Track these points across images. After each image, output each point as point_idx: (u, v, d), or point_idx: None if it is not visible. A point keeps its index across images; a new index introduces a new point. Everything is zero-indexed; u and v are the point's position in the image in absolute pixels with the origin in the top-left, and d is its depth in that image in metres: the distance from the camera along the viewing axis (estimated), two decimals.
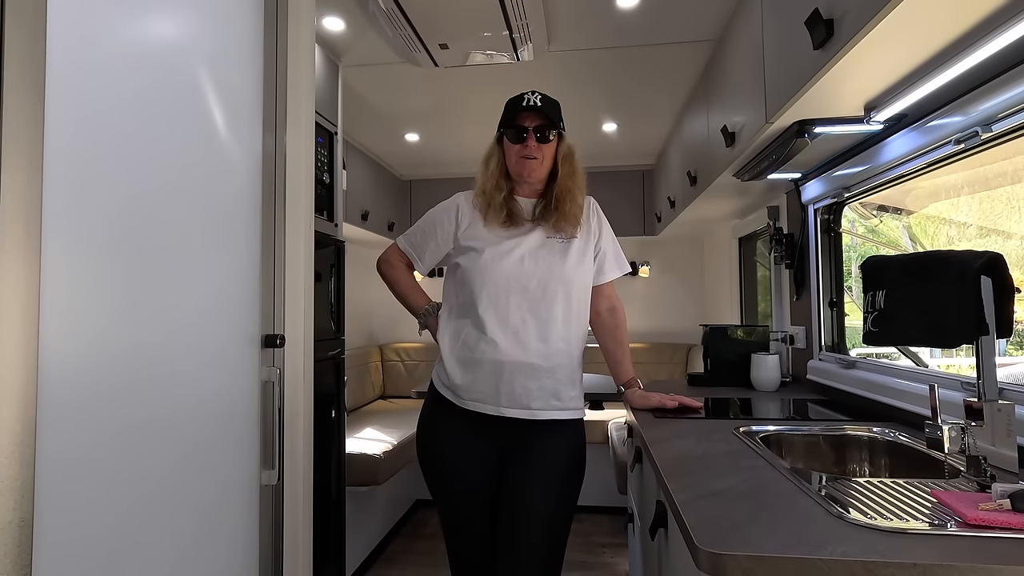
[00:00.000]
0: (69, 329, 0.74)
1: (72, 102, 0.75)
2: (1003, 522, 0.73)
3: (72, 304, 0.75)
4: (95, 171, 0.79)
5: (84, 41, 0.77)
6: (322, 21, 1.94)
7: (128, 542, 0.83)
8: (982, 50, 0.97)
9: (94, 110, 0.79)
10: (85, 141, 0.77)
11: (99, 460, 0.78)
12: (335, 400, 2.05)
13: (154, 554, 0.87)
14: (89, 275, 0.78)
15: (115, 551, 0.81)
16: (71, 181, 0.75)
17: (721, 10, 1.86)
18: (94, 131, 0.79)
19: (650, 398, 1.54)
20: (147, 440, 0.86)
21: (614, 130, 3.08)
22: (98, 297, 0.79)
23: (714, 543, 0.70)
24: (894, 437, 1.28)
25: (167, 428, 0.90)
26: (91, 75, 0.78)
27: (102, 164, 0.80)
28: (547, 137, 1.34)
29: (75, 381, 0.75)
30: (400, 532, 2.97)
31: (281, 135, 1.25)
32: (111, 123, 0.82)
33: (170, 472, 0.91)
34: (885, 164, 1.48)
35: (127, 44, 0.85)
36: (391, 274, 1.50)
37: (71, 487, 0.74)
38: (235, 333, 1.08)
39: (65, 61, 0.74)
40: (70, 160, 0.75)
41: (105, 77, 0.81)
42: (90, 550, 0.77)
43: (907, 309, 1.07)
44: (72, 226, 0.75)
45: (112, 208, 0.82)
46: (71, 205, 0.75)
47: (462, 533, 1.37)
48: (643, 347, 3.87)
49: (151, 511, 0.87)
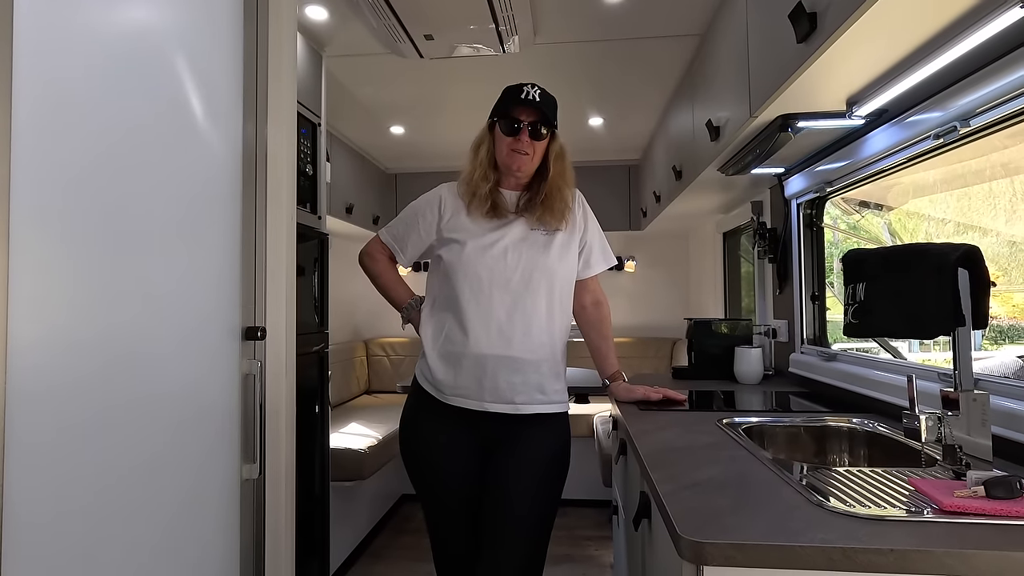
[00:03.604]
0: (38, 318, 0.72)
1: (40, 85, 0.73)
2: (977, 508, 0.75)
3: (41, 293, 0.73)
4: (65, 158, 0.77)
5: (53, 25, 0.75)
6: (304, 9, 1.91)
7: (101, 535, 0.81)
8: (960, 45, 0.98)
9: (63, 94, 0.77)
10: (54, 126, 0.75)
11: (70, 451, 0.76)
12: (319, 394, 2.03)
13: (129, 547, 0.86)
14: (59, 263, 0.76)
15: (87, 544, 0.79)
16: (40, 167, 0.73)
17: (706, 4, 1.86)
18: (64, 117, 0.77)
19: (634, 391, 1.55)
20: (120, 432, 0.84)
21: (600, 124, 3.08)
22: (69, 286, 0.77)
23: (696, 532, 0.71)
24: (873, 428, 1.30)
25: (140, 420, 0.88)
26: (60, 58, 0.76)
27: (72, 151, 0.78)
28: (540, 134, 1.33)
29: (45, 371, 0.73)
30: (386, 526, 2.96)
31: (262, 125, 1.23)
32: (81, 108, 0.79)
33: (144, 465, 0.89)
34: (866, 159, 1.50)
35: (99, 27, 0.83)
36: (373, 268, 1.48)
37: (40, 478, 0.72)
38: (213, 325, 1.06)
39: (33, 44, 0.71)
40: (39, 145, 0.73)
41: (75, 59, 0.79)
42: (61, 542, 0.75)
43: (887, 301, 1.08)
44: (41, 213, 0.73)
45: (83, 196, 0.79)
46: (40, 191, 0.73)
47: (445, 528, 1.37)
48: (628, 341, 3.89)
49: (124, 504, 0.85)
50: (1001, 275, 1.73)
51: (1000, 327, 1.85)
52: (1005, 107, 1.04)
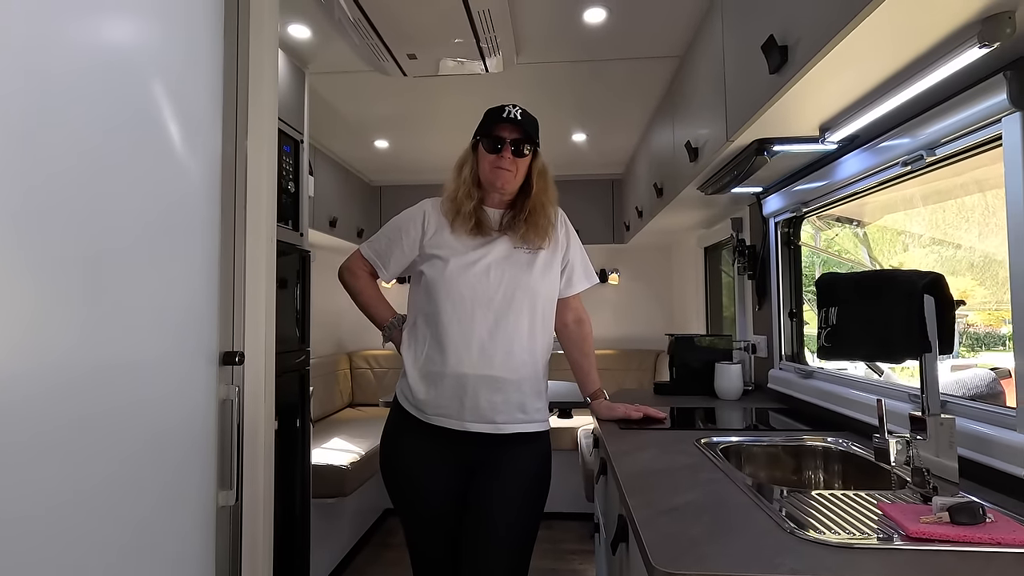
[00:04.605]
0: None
1: (9, 99, 0.71)
2: (941, 535, 0.77)
3: (4, 316, 0.71)
4: (36, 176, 0.75)
5: (25, 36, 0.74)
6: (287, 28, 1.91)
7: (65, 564, 0.79)
8: (925, 80, 1.02)
9: (33, 108, 0.75)
10: (21, 142, 0.73)
11: (28, 482, 0.74)
12: (300, 411, 2.01)
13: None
14: (21, 286, 0.73)
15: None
16: (11, 185, 0.71)
17: (685, 29, 1.90)
18: (31, 132, 0.75)
19: (615, 409, 1.56)
20: (85, 462, 0.82)
21: (583, 140, 3.11)
22: (34, 312, 0.75)
23: (670, 562, 0.72)
24: (847, 447, 1.33)
25: (107, 449, 0.86)
26: (31, 72, 0.74)
27: (44, 168, 0.76)
28: (523, 151, 1.34)
29: (3, 395, 0.70)
30: (369, 542, 2.93)
31: (242, 142, 1.22)
32: (51, 123, 0.77)
33: (112, 495, 0.87)
34: (840, 181, 1.54)
35: (73, 43, 0.81)
36: (355, 284, 1.48)
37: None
38: (189, 350, 1.05)
39: (1, 61, 0.70)
40: (9, 162, 0.71)
41: (48, 75, 0.77)
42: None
43: (858, 326, 1.11)
44: (10, 233, 0.71)
45: (47, 215, 0.77)
46: (10, 210, 0.71)
47: (425, 546, 1.36)
48: (612, 354, 3.91)
49: (91, 535, 0.83)
50: (977, 285, 1.79)
51: (977, 334, 1.91)
52: (967, 138, 1.08)
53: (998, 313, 1.83)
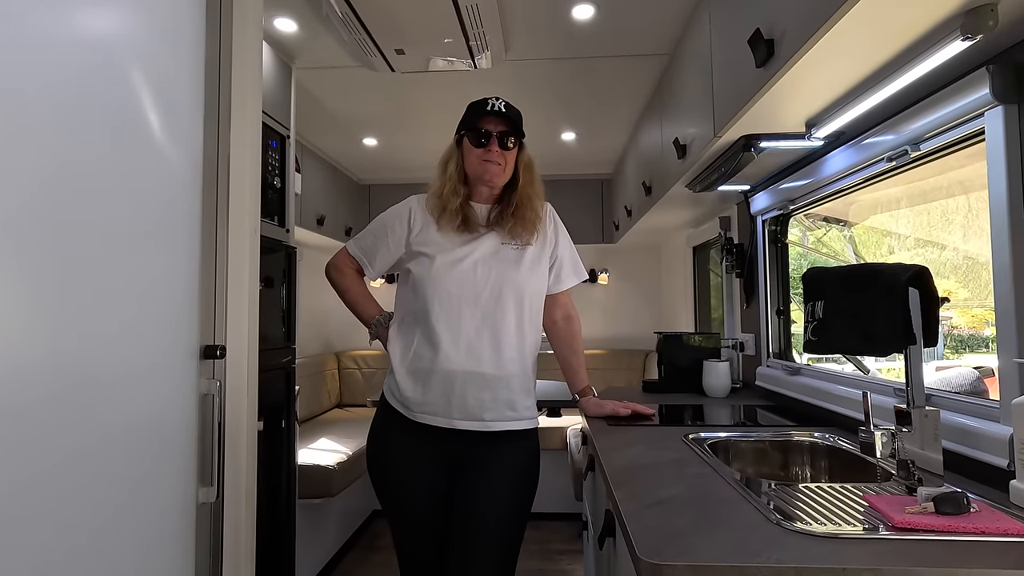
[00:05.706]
0: None
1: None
2: (926, 525, 0.77)
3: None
4: (13, 172, 0.73)
5: (1, 28, 0.72)
6: (273, 22, 1.89)
7: (38, 563, 0.77)
8: (909, 73, 1.02)
9: (9, 101, 0.73)
10: (1, 138, 0.72)
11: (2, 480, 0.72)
12: (285, 410, 1.98)
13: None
14: (5, 278, 0.72)
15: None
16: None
17: (673, 26, 1.91)
18: (7, 124, 0.73)
19: (604, 406, 1.56)
20: (61, 457, 0.80)
21: (573, 139, 3.12)
22: (13, 302, 0.73)
23: (655, 553, 0.71)
24: (834, 442, 1.33)
25: (84, 442, 0.84)
26: (5, 64, 0.73)
27: (21, 164, 0.75)
28: (508, 144, 1.34)
29: None
30: (356, 544, 2.90)
31: (225, 135, 1.20)
32: (28, 116, 0.76)
33: (88, 489, 0.85)
34: (827, 178, 1.55)
35: (51, 36, 0.80)
36: (341, 282, 1.46)
37: None
38: (168, 343, 1.03)
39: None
40: None
41: (18, 62, 0.75)
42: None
43: (843, 320, 1.11)
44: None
45: (22, 207, 0.75)
46: None
47: (412, 545, 1.35)
48: (601, 353, 3.91)
49: (66, 532, 0.81)
50: (960, 287, 1.81)
51: (961, 336, 1.93)
52: (951, 133, 1.09)
53: (981, 315, 1.85)
